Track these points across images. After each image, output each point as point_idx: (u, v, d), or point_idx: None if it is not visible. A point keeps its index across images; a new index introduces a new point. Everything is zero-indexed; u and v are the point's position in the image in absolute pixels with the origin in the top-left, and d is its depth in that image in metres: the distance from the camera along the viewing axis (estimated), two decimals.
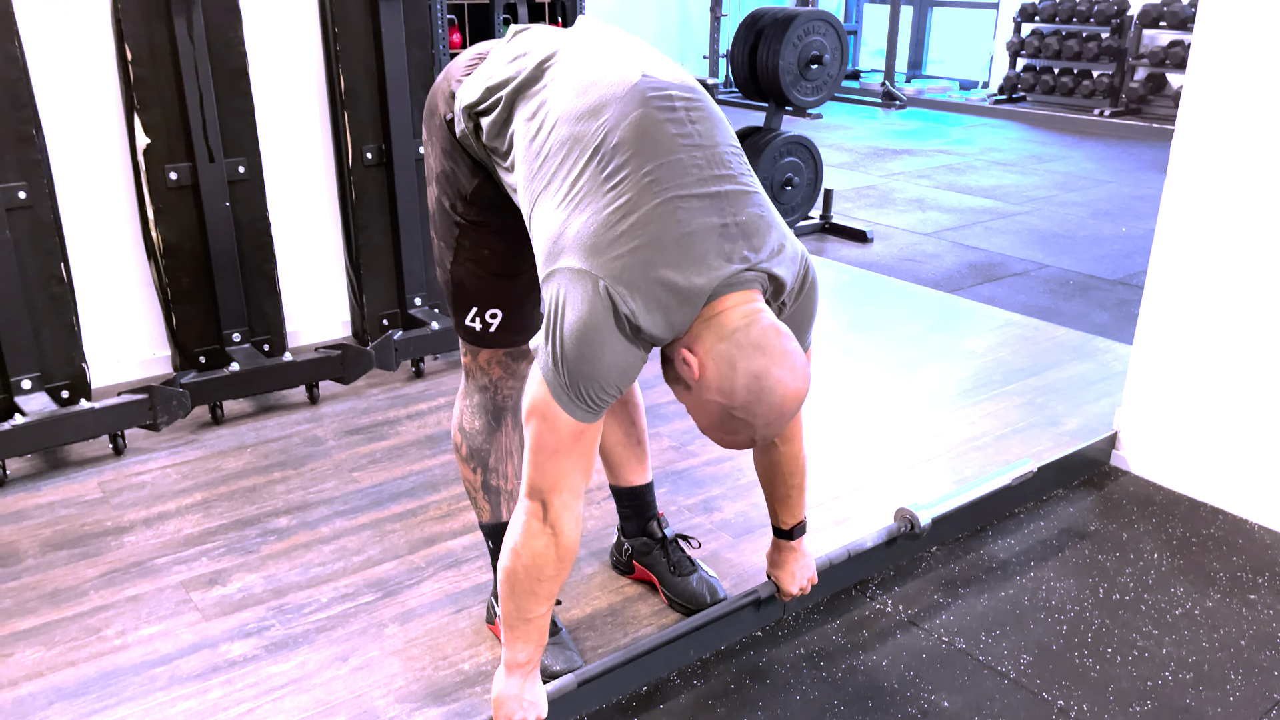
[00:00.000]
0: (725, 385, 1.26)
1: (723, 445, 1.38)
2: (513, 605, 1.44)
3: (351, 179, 2.93)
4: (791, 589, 1.82)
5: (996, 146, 7.27)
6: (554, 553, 1.39)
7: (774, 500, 1.75)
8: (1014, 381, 2.98)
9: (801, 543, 1.81)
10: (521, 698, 1.49)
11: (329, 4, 2.78)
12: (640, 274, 1.25)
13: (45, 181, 2.44)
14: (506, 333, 1.61)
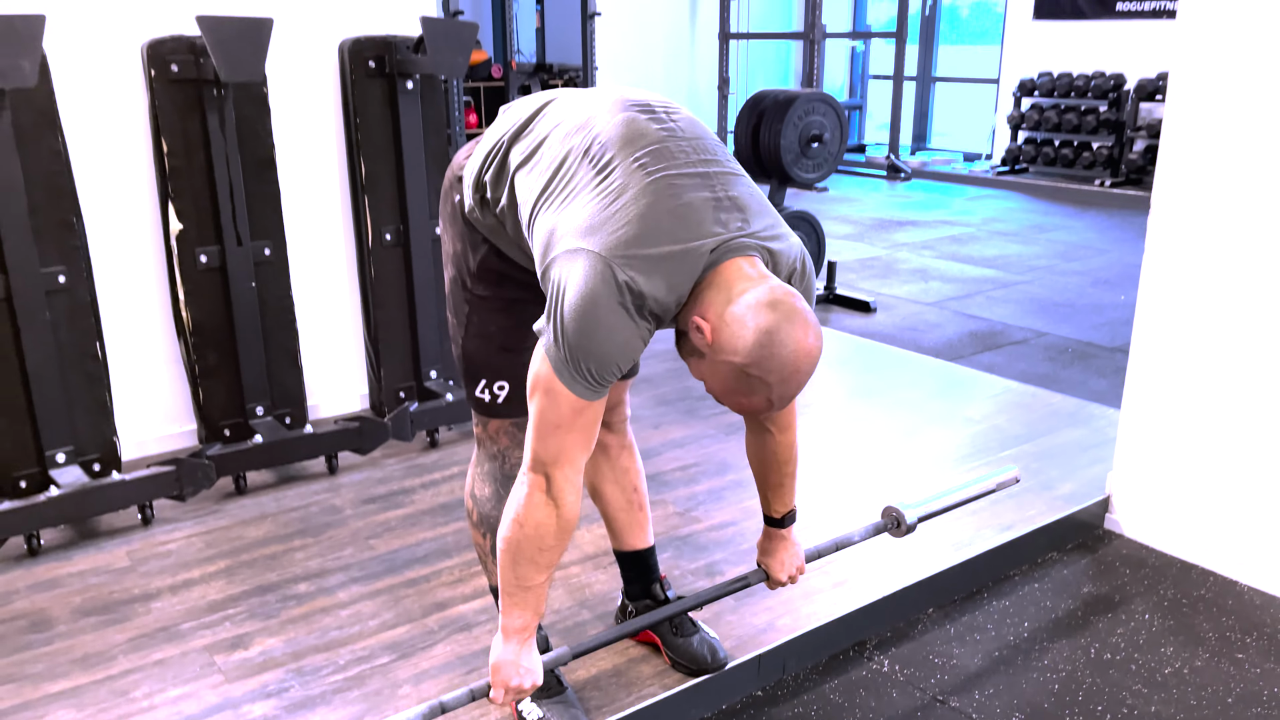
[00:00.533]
0: (738, 344, 1.30)
1: (739, 410, 1.41)
2: (513, 574, 1.50)
3: (371, 259, 3.08)
4: (781, 576, 1.87)
5: (999, 217, 7.43)
6: (556, 524, 1.45)
7: (766, 488, 1.80)
8: (1010, 448, 3.06)
9: (791, 531, 1.85)
10: (518, 664, 1.55)
11: (351, 96, 2.96)
12: (637, 244, 1.32)
13: (83, 266, 2.59)
14: (513, 404, 1.72)
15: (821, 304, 4.93)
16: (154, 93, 2.67)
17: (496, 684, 1.55)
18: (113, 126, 2.71)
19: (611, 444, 1.95)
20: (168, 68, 2.65)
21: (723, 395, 1.38)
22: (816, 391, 3.58)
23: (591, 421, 1.43)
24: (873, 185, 9.04)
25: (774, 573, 1.87)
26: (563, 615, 2.17)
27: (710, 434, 3.15)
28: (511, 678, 1.54)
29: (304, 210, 3.04)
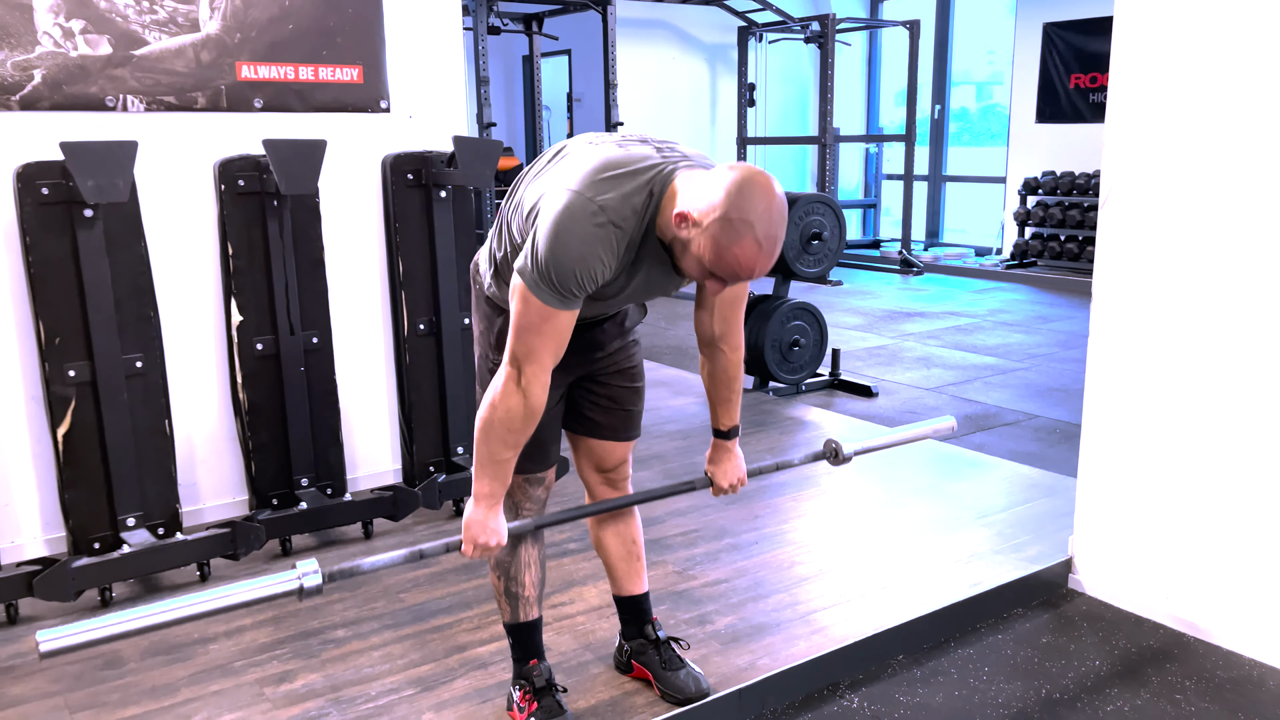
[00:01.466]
0: (715, 200, 1.57)
1: (735, 267, 1.60)
2: (486, 449, 1.79)
3: (406, 346, 3.45)
4: (723, 483, 2.14)
5: (1005, 308, 7.74)
6: (523, 410, 1.76)
7: (717, 404, 2.10)
8: (988, 515, 3.32)
9: (735, 444, 2.14)
10: (485, 524, 1.84)
11: (392, 203, 3.37)
12: (597, 173, 1.67)
13: (158, 353, 2.97)
14: (526, 461, 2.01)
15: (825, 389, 5.24)
16: (223, 204, 3.09)
17: (467, 540, 1.85)
18: (186, 233, 3.12)
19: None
20: (235, 182, 3.08)
21: (717, 258, 1.59)
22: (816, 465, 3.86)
23: (558, 330, 1.72)
24: (887, 279, 9.40)
25: (718, 479, 2.15)
26: (568, 657, 2.44)
27: (711, 504, 3.44)
28: (479, 535, 1.83)
29: (348, 303, 3.42)
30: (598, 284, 1.70)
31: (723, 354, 2.04)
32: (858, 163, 11.66)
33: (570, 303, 1.71)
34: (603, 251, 1.66)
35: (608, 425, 2.13)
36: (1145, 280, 2.61)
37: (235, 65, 3.13)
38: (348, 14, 3.29)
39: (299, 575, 1.74)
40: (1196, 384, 2.53)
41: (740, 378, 2.09)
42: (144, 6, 2.96)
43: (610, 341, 2.08)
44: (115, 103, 2.96)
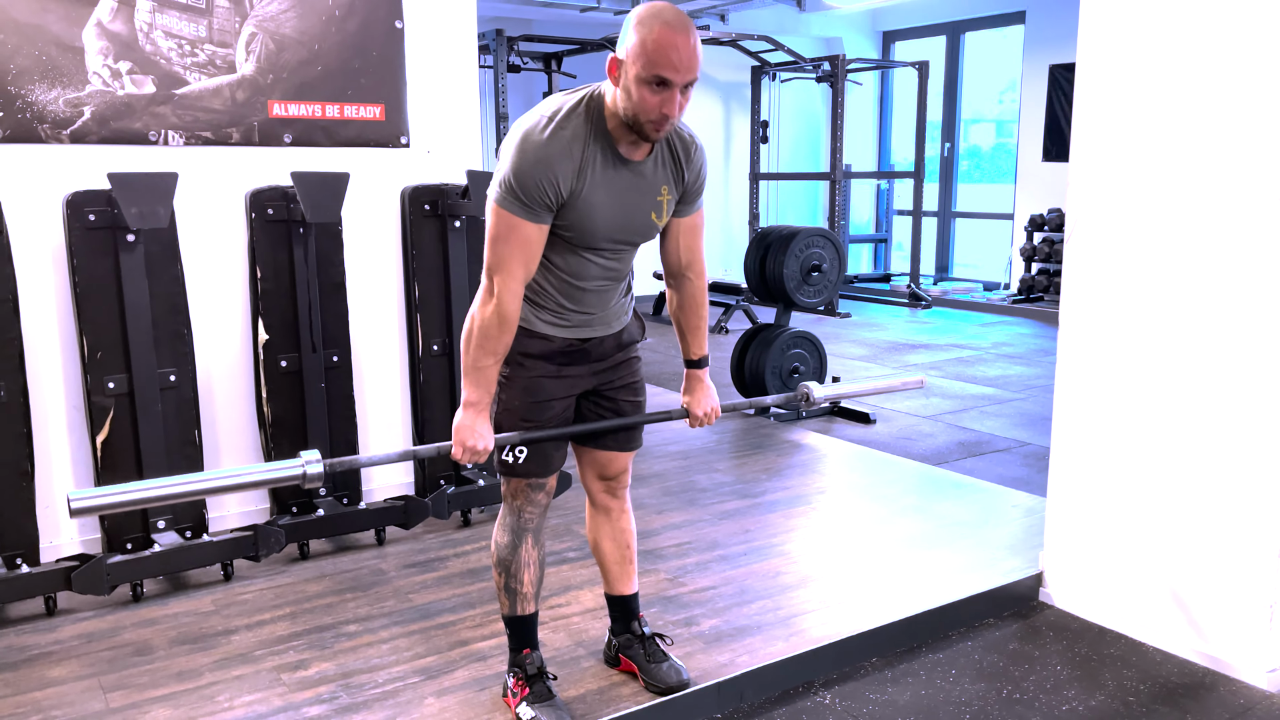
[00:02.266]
0: (627, 31, 1.87)
1: (662, 51, 1.83)
2: (469, 357, 2.01)
3: (420, 366, 3.67)
4: (698, 412, 2.32)
5: (1009, 341, 7.90)
6: (497, 318, 1.98)
7: (687, 332, 2.32)
8: (969, 534, 3.49)
9: (705, 374, 2.33)
10: (473, 428, 2.04)
11: (409, 233, 3.60)
12: (541, 105, 1.99)
13: (190, 369, 3.20)
14: (529, 464, 2.21)
15: (825, 415, 5.42)
16: (253, 230, 3.33)
17: (456, 442, 2.04)
18: (219, 256, 3.37)
19: (613, 508, 2.44)
20: (265, 211, 3.32)
21: (646, 58, 1.83)
22: (799, 485, 4.05)
23: (525, 241, 1.96)
24: (896, 312, 9.58)
25: (693, 408, 2.33)
26: (561, 652, 2.63)
27: (704, 519, 3.63)
28: (468, 438, 2.03)
29: (367, 324, 3.65)
30: (556, 191, 1.94)
31: (689, 281, 2.28)
32: (869, 198, 11.88)
33: (532, 213, 1.95)
34: (556, 152, 1.92)
35: (611, 436, 2.32)
36: (1108, 312, 2.79)
37: (267, 103, 3.39)
38: (372, 57, 3.55)
39: (303, 463, 1.94)
40: (1156, 411, 2.71)
41: (706, 305, 2.32)
42: (186, 50, 3.23)
43: (611, 354, 2.26)
44: (157, 137, 3.21)
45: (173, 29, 3.21)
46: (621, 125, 1.96)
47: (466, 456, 2.07)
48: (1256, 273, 2.45)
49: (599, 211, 2.02)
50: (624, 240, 2.13)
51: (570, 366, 2.21)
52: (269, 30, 3.36)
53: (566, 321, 2.17)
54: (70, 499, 1.76)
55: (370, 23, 3.53)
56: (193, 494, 1.95)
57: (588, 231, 2.05)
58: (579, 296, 2.15)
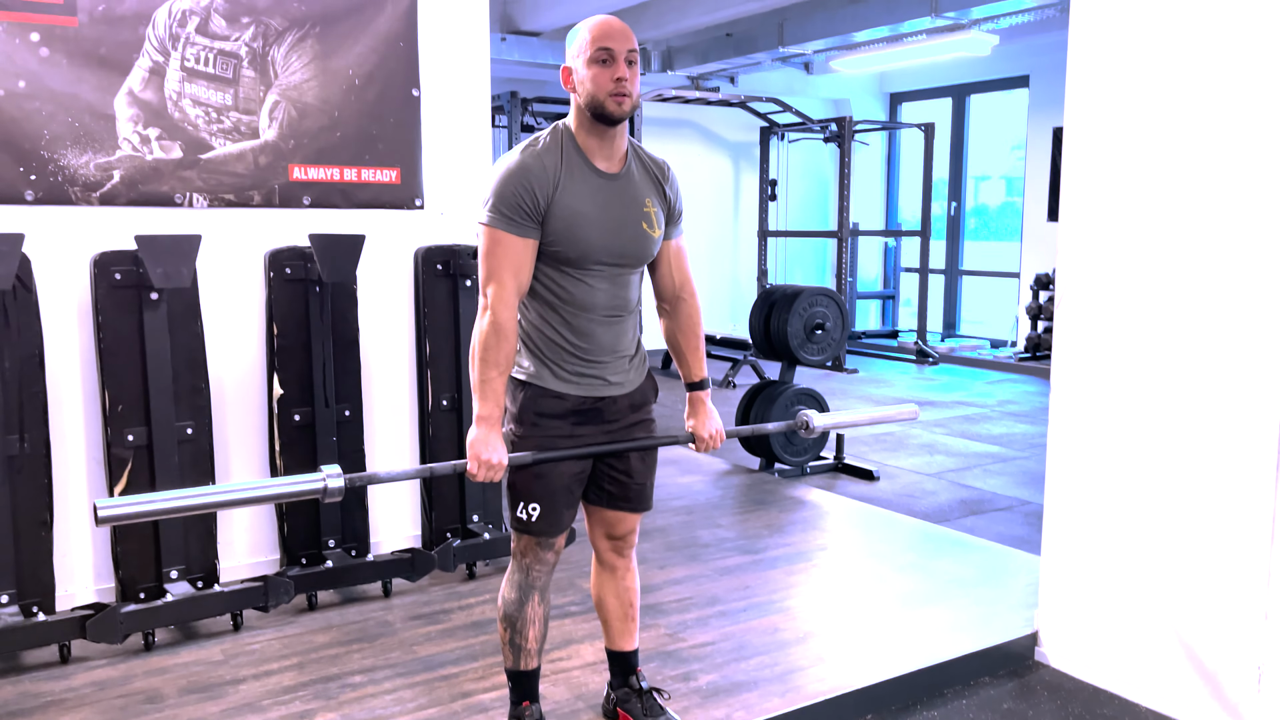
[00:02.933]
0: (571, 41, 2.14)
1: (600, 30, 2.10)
2: (475, 373, 2.12)
3: (430, 420, 3.76)
4: (704, 433, 2.39)
5: (1014, 399, 7.96)
6: (493, 329, 2.10)
7: (687, 353, 2.41)
8: (966, 592, 3.53)
9: (708, 396, 2.41)
10: (487, 442, 2.12)
11: (422, 291, 3.72)
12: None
13: (207, 421, 3.30)
14: (541, 523, 2.28)
15: (829, 472, 5.47)
16: (271, 289, 3.45)
17: (471, 457, 2.12)
18: (238, 313, 3.49)
19: (619, 566, 2.50)
20: (283, 270, 3.45)
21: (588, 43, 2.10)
22: (799, 542, 4.10)
23: (510, 252, 2.10)
24: (903, 369, 9.66)
25: (699, 431, 2.39)
26: (561, 705, 2.68)
27: (706, 574, 3.68)
28: (482, 452, 2.11)
29: (379, 379, 3.76)
30: (535, 199, 2.09)
31: (685, 302, 2.40)
32: (877, 255, 12.02)
33: (518, 224, 2.10)
34: (529, 163, 2.11)
35: (621, 497, 2.38)
36: (1099, 371, 2.87)
37: (288, 167, 3.53)
38: (389, 123, 3.70)
39: (324, 477, 2.02)
40: (1148, 471, 2.77)
41: (702, 325, 2.43)
42: (212, 117, 3.38)
43: (625, 414, 2.32)
44: (183, 200, 3.35)
45: (200, 97, 3.36)
46: (590, 130, 2.17)
47: (482, 472, 2.12)
48: (1245, 335, 2.53)
49: (585, 221, 2.15)
50: (622, 254, 2.22)
51: (583, 427, 2.27)
52: (292, 98, 3.51)
53: (579, 371, 2.24)
54: (97, 506, 1.83)
55: (388, 91, 3.68)
56: (213, 505, 2.07)
57: (580, 241, 2.15)
58: (587, 331, 2.22)
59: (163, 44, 3.29)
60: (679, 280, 2.38)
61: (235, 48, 3.41)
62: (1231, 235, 2.54)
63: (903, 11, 6.89)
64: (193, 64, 3.34)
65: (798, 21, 7.86)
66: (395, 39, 3.68)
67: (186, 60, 3.33)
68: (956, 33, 7.57)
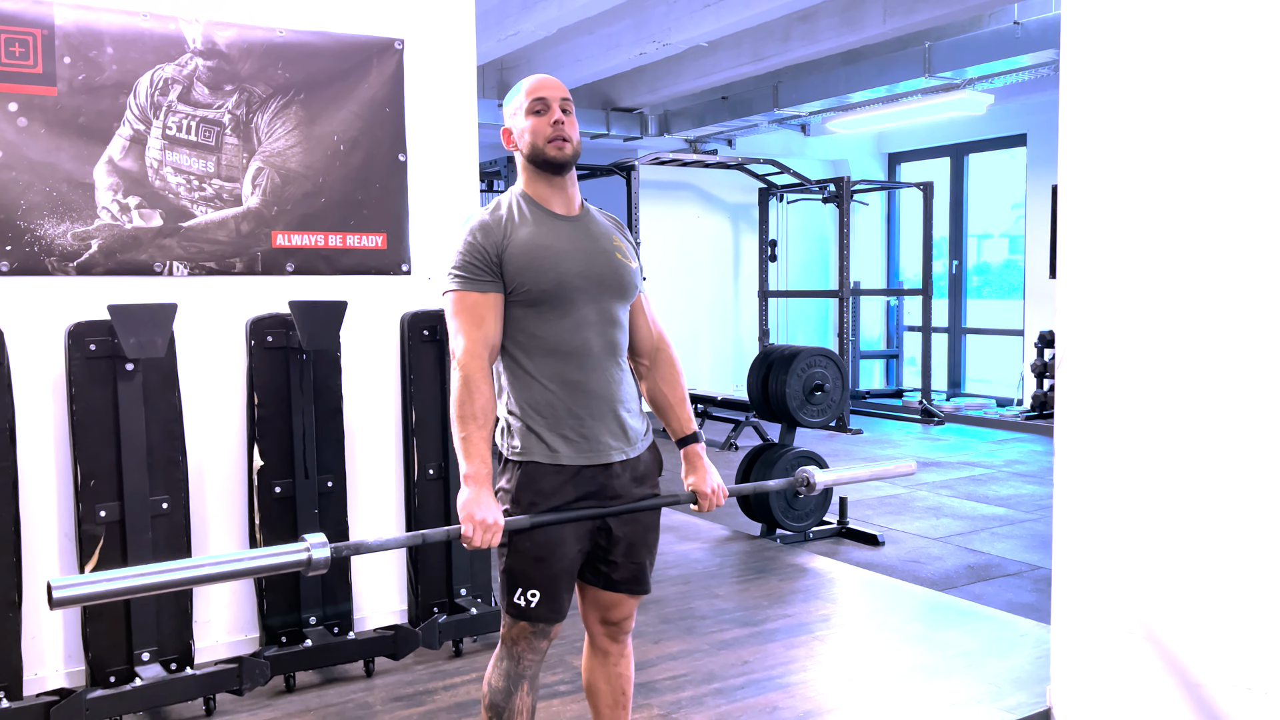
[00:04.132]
0: (508, 103, 2.19)
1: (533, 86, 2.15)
2: (455, 432, 2.05)
3: (416, 490, 3.65)
4: (705, 489, 2.27)
5: (1021, 459, 7.81)
6: (464, 384, 2.04)
7: (675, 404, 2.31)
8: (975, 667, 3.38)
9: (703, 449, 2.31)
10: (479, 501, 2.01)
11: (408, 357, 3.64)
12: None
13: (183, 495, 3.20)
14: (540, 609, 2.15)
15: (832, 537, 5.33)
16: (252, 357, 3.37)
17: (465, 520, 2.00)
18: (217, 383, 3.40)
19: (613, 652, 2.36)
20: (264, 338, 3.37)
21: (525, 102, 2.14)
22: (812, 613, 3.95)
23: (473, 308, 2.07)
24: (909, 429, 9.53)
25: (699, 488, 2.28)
26: None
27: (703, 649, 3.54)
28: (475, 512, 2.00)
29: (364, 448, 3.66)
30: (487, 252, 2.08)
31: (663, 352, 2.32)
32: (880, 314, 11.96)
33: (475, 282, 2.08)
34: (478, 228, 2.11)
35: (620, 579, 2.26)
36: (1103, 431, 2.76)
37: (271, 234, 3.48)
38: (375, 189, 3.65)
39: (307, 547, 1.86)
40: (1162, 534, 2.65)
41: (682, 376, 2.34)
42: (194, 185, 3.34)
43: (628, 490, 2.19)
44: (162, 268, 3.29)
45: (182, 165, 3.32)
46: (539, 179, 2.18)
47: (479, 535, 2.00)
48: (1250, 391, 2.43)
49: (551, 252, 2.11)
50: (600, 281, 2.15)
51: (581, 506, 2.14)
52: (275, 165, 3.47)
53: (577, 431, 2.12)
54: (52, 587, 1.68)
55: (374, 156, 3.65)
56: (182, 583, 1.88)
57: (549, 270, 2.09)
58: (578, 381, 2.12)
59: (144, 112, 3.26)
60: (655, 332, 2.33)
61: (218, 115, 3.38)
62: (1230, 290, 2.45)
63: (897, 72, 6.91)
64: (175, 132, 3.31)
65: (792, 84, 7.91)
66: (381, 104, 3.66)
67: (168, 128, 3.30)
68: (951, 93, 7.60)
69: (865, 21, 6.18)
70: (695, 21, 6.30)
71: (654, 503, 2.24)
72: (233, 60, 3.38)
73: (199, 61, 3.33)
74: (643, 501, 2.21)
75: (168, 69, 3.28)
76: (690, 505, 2.30)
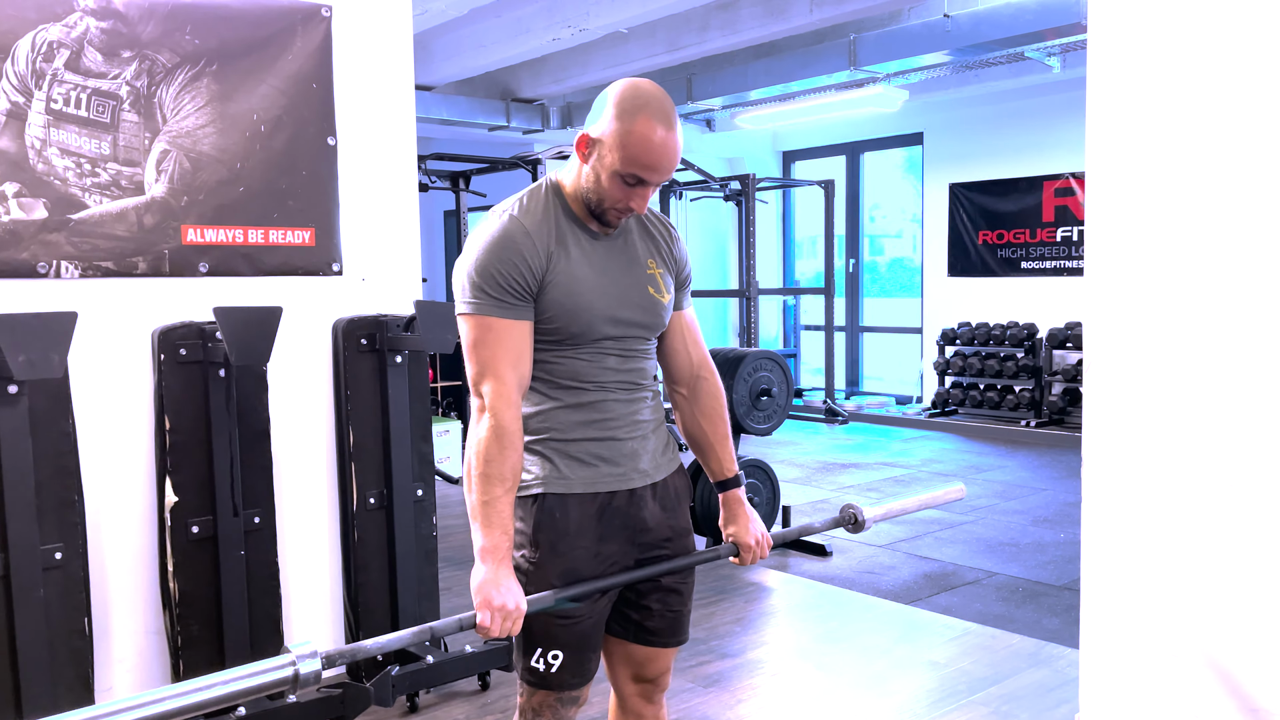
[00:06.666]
0: (605, 107, 1.69)
1: (643, 147, 1.66)
2: (475, 494, 1.69)
3: (355, 522, 3.19)
4: (748, 541, 1.95)
5: (936, 458, 7.79)
6: (494, 434, 1.68)
7: (715, 444, 1.96)
8: (978, 691, 3.16)
9: (744, 495, 1.98)
10: (498, 582, 1.65)
11: (343, 371, 3.17)
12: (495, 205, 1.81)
13: (80, 543, 2.66)
14: (564, 674, 1.80)
15: (779, 549, 5.08)
16: (161, 374, 2.85)
17: (480, 606, 1.63)
18: (118, 406, 2.86)
19: (646, 715, 2.01)
20: (176, 351, 2.85)
21: (624, 150, 1.67)
22: (785, 638, 3.68)
23: (503, 339, 1.71)
24: (813, 429, 9.43)
25: (743, 539, 1.96)
26: None
27: (689, 688, 3.20)
28: (494, 596, 1.64)
29: (292, 477, 3.17)
30: (524, 274, 1.72)
31: (705, 381, 1.97)
32: (776, 314, 11.88)
33: (507, 306, 1.71)
34: (516, 231, 1.73)
35: (655, 629, 1.92)
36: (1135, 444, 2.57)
37: (180, 229, 2.95)
38: (301, 176, 3.17)
39: (293, 659, 1.49)
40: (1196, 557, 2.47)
41: (726, 410, 1.99)
42: (86, 169, 2.79)
43: (655, 521, 1.87)
44: (48, 269, 2.74)
45: (70, 146, 2.77)
46: (582, 205, 1.79)
47: (497, 624, 1.65)
48: None
49: (584, 286, 1.76)
50: (630, 323, 1.82)
51: (610, 544, 1.82)
52: (184, 147, 2.95)
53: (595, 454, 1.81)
54: None
55: (299, 139, 3.16)
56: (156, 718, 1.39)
57: (581, 312, 1.75)
58: (598, 403, 1.81)
59: (23, 81, 2.69)
60: (696, 357, 1.97)
61: (114, 87, 2.84)
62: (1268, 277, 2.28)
63: (819, 65, 6.73)
64: (61, 106, 2.76)
65: (708, 76, 7.65)
66: (307, 80, 3.17)
67: (53, 101, 2.75)
68: (865, 88, 7.49)
69: (790, 10, 5.97)
70: (614, 6, 5.96)
71: (691, 560, 1.92)
72: (131, 22, 2.85)
73: (91, 22, 2.78)
74: (677, 560, 1.89)
75: (53, 30, 2.72)
76: (731, 558, 1.99)
